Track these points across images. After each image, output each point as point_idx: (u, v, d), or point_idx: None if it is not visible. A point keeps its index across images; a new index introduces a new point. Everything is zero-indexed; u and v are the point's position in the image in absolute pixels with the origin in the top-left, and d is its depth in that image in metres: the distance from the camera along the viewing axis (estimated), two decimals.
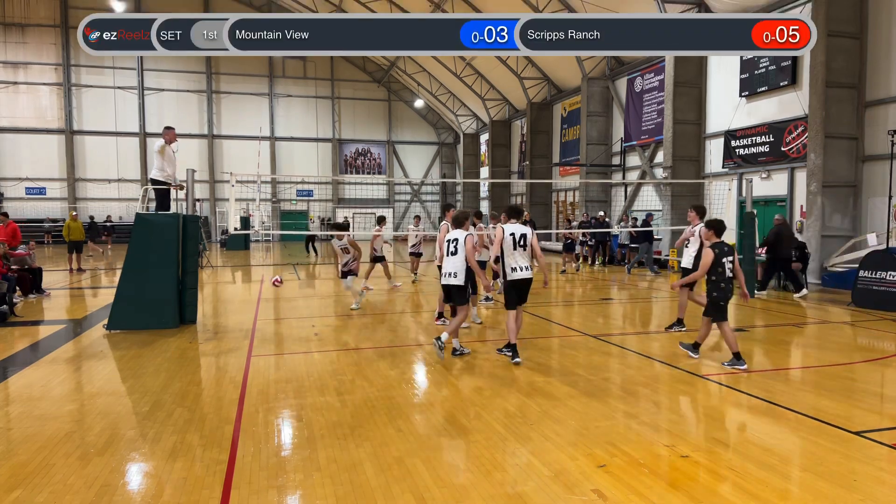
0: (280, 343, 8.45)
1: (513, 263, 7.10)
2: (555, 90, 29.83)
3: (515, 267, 7.09)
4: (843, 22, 14.35)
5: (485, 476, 4.03)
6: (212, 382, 6.44)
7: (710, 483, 3.93)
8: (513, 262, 7.10)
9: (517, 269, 7.09)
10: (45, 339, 8.81)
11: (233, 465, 4.22)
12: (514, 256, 7.09)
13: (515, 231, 7.10)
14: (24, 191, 36.21)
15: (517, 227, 7.17)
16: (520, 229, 7.15)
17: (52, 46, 36.42)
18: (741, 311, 11.10)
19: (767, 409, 5.43)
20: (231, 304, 12.33)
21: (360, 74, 41.53)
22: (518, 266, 7.09)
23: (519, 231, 7.12)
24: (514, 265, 7.10)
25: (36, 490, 3.84)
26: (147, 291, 9.22)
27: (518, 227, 7.20)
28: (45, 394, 5.93)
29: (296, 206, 40.80)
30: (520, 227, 7.21)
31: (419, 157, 43.69)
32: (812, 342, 8.62)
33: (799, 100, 15.87)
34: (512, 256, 7.09)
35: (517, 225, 7.24)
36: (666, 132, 20.07)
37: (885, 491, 3.82)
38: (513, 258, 7.10)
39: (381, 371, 6.82)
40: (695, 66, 19.65)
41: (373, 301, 12.39)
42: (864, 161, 14.54)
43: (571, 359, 7.44)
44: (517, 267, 7.09)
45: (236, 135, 39.29)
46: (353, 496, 3.75)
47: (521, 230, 7.14)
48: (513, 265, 7.10)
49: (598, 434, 4.79)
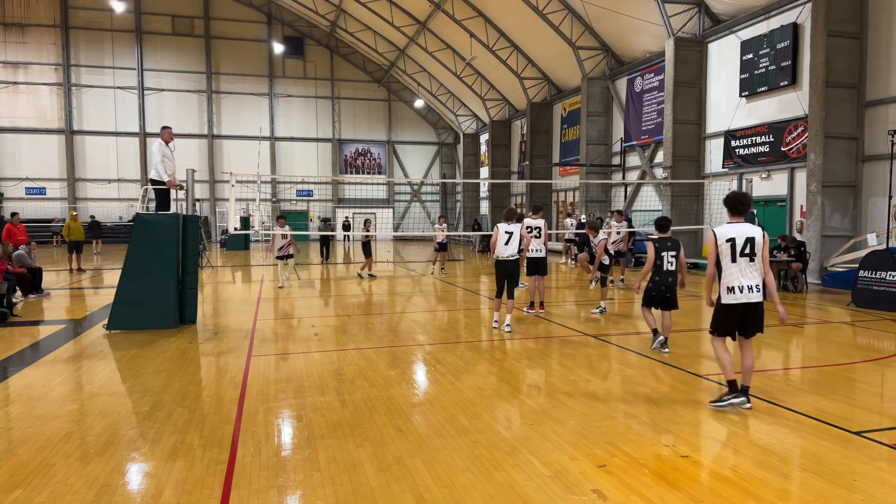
0: (280, 343, 8.45)
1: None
2: (555, 90, 29.84)
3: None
4: (843, 22, 14.35)
5: (485, 476, 4.03)
6: (212, 382, 6.44)
7: (710, 483, 3.93)
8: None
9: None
10: (45, 339, 8.81)
11: (233, 465, 4.22)
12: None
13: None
14: (24, 191, 36.22)
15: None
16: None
17: (52, 46, 36.43)
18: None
19: (767, 409, 5.43)
20: (231, 304, 12.33)
21: (360, 74, 41.54)
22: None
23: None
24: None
25: (36, 490, 3.84)
26: (147, 291, 9.21)
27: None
28: (45, 394, 5.93)
29: (296, 206, 40.81)
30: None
31: (419, 157, 43.69)
32: (812, 342, 8.61)
33: (799, 100, 15.87)
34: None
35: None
36: (666, 132, 20.07)
37: (885, 491, 3.82)
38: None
39: (381, 371, 6.82)
40: (695, 66, 19.66)
41: (373, 301, 12.40)
42: (864, 161, 14.54)
43: (571, 359, 7.44)
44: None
45: (236, 135, 39.30)
46: (353, 496, 3.75)
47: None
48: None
49: (598, 434, 4.79)
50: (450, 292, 14.39)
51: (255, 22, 39.58)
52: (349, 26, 36.54)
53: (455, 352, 7.81)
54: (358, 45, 39.23)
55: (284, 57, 39.64)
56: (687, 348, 7.90)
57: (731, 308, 5.34)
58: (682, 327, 9.19)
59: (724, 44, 18.84)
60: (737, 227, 5.35)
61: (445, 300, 13.06)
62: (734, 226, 5.38)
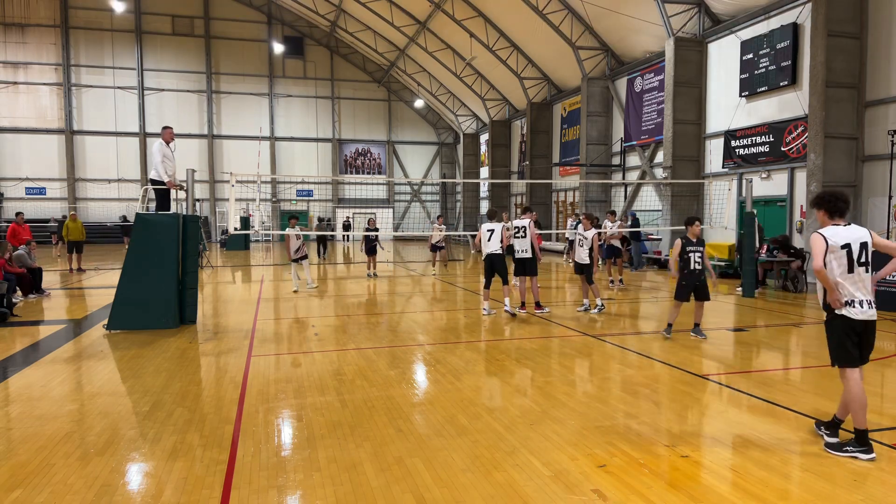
0: (280, 343, 8.45)
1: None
2: (555, 90, 29.83)
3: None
4: (843, 22, 14.34)
5: (485, 476, 4.03)
6: (212, 382, 6.44)
7: (710, 483, 3.93)
8: None
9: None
10: (45, 339, 8.81)
11: (233, 465, 4.22)
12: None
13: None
14: (24, 191, 36.22)
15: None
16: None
17: (52, 46, 36.43)
18: (742, 312, 11.10)
19: (767, 409, 5.43)
20: (231, 304, 12.33)
21: (360, 74, 41.54)
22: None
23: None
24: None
25: (36, 490, 3.84)
26: (147, 291, 9.22)
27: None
28: (45, 394, 5.93)
29: (296, 206, 40.81)
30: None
31: (419, 157, 43.69)
32: (812, 342, 8.61)
33: (799, 100, 15.87)
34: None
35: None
36: (666, 132, 20.07)
37: (885, 491, 3.82)
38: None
39: (381, 371, 6.82)
40: (695, 66, 19.65)
41: (373, 301, 12.40)
42: (864, 161, 14.54)
43: (571, 359, 7.44)
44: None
45: (236, 135, 39.30)
46: (353, 496, 3.75)
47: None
48: None
49: (598, 434, 4.79)
50: (450, 292, 14.39)
51: (255, 22, 39.58)
52: (349, 26, 36.54)
53: (455, 352, 7.81)
54: (358, 45, 39.23)
55: (284, 57, 39.64)
56: (687, 348, 7.91)
57: (851, 324, 4.43)
58: (683, 327, 9.18)
59: (724, 44, 18.84)
60: (848, 230, 4.50)
61: (445, 300, 13.06)
62: (847, 230, 4.50)
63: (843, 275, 4.47)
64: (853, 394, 4.38)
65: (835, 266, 4.47)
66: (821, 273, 4.47)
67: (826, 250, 4.46)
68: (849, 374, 4.45)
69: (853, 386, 4.39)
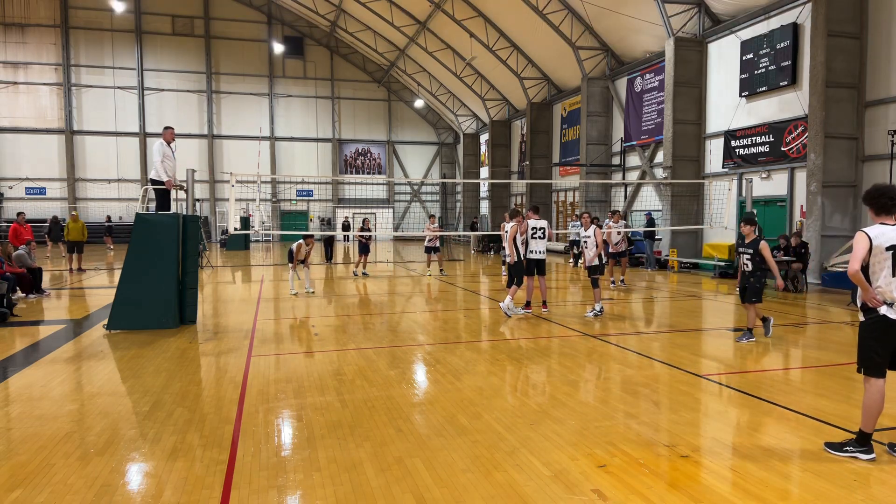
0: (280, 343, 8.45)
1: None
2: (555, 90, 29.83)
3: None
4: (843, 22, 14.35)
5: (485, 476, 4.03)
6: (212, 382, 6.44)
7: (710, 483, 3.93)
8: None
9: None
10: (45, 339, 8.81)
11: (233, 465, 4.22)
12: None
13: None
14: (24, 191, 36.22)
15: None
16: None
17: (52, 46, 36.44)
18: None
19: (767, 408, 5.43)
20: (231, 304, 12.33)
21: (360, 74, 41.54)
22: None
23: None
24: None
25: (36, 490, 3.84)
26: (147, 291, 9.21)
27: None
28: (45, 394, 5.93)
29: (296, 206, 40.81)
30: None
31: (419, 157, 43.70)
32: (812, 342, 8.61)
33: (799, 100, 15.87)
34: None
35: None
36: (666, 132, 20.07)
37: (886, 491, 3.82)
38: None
39: (381, 371, 6.82)
40: (695, 66, 19.66)
41: (373, 301, 12.39)
42: (864, 161, 14.54)
43: (571, 359, 7.44)
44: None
45: (236, 135, 39.31)
46: (353, 496, 3.75)
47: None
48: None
49: (598, 434, 4.79)
50: (449, 292, 14.39)
51: (255, 22, 39.58)
52: (349, 26, 36.54)
53: (455, 352, 7.81)
54: (358, 45, 39.23)
55: (284, 57, 39.64)
56: (687, 348, 7.91)
57: (888, 325, 4.15)
58: (684, 327, 9.19)
59: (724, 44, 18.84)
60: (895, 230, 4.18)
61: (445, 300, 13.06)
62: (893, 229, 4.16)
63: (887, 279, 4.15)
64: (872, 400, 4.30)
65: (876, 270, 4.18)
66: (855, 276, 4.18)
67: (869, 251, 4.16)
68: (873, 381, 4.32)
69: (874, 393, 4.30)
